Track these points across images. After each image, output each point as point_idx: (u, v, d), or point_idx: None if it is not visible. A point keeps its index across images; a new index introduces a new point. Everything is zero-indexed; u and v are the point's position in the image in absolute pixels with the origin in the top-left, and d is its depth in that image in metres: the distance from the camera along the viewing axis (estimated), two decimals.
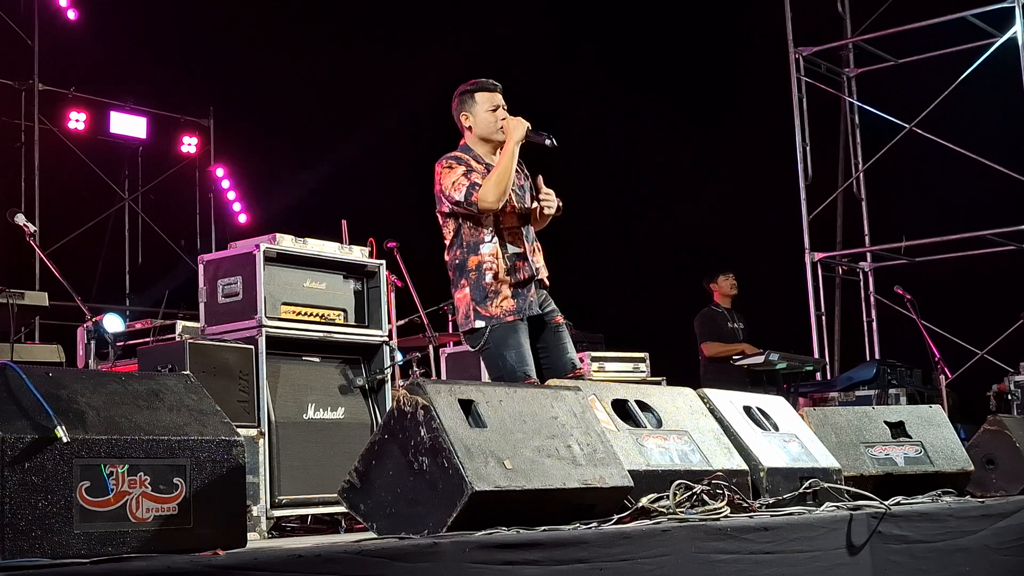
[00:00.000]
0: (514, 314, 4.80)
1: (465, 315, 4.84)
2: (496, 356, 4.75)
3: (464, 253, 4.87)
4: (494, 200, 4.75)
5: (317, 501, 4.91)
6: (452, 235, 4.91)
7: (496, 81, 5.02)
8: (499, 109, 4.95)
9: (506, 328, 4.77)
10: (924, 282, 10.09)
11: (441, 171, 4.86)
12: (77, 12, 11.04)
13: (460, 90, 5.02)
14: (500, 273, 4.82)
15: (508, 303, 4.81)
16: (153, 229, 11.86)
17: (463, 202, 4.77)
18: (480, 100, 4.96)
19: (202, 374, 4.41)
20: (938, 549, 4.16)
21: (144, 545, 2.73)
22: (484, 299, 4.80)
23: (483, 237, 4.85)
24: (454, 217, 4.88)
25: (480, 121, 4.95)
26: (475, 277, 4.82)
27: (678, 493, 3.70)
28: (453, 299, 4.96)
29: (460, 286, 4.87)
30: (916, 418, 5.05)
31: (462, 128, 5.02)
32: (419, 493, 3.18)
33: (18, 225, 5.97)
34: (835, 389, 9.65)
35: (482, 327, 4.78)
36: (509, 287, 4.82)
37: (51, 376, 2.82)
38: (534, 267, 4.92)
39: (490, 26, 11.73)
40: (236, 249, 5.08)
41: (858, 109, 11.67)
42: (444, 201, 4.85)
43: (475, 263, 4.84)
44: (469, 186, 4.76)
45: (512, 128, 4.85)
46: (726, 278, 9.27)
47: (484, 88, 4.98)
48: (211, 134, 12.14)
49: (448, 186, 4.81)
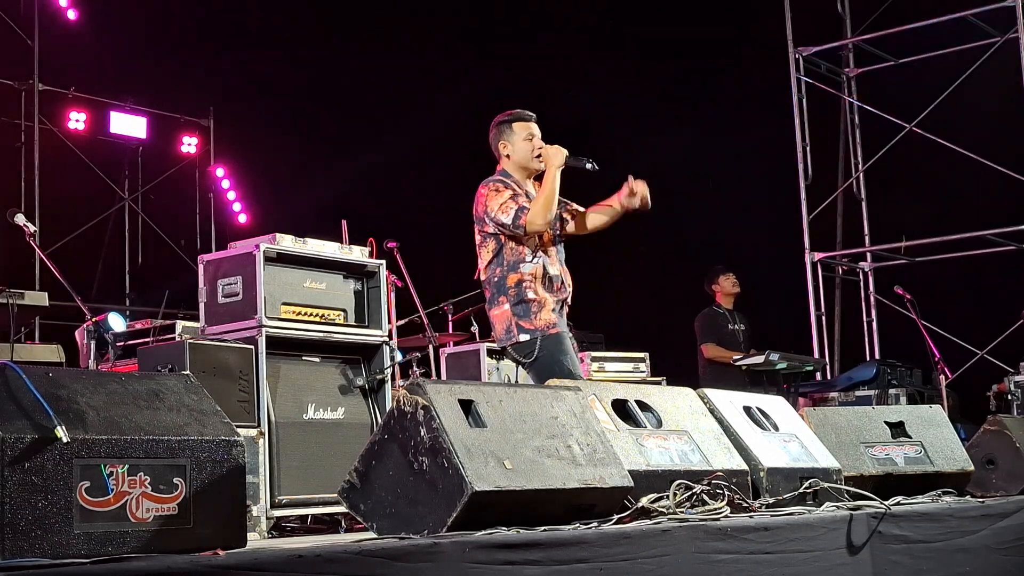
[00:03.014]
0: (556, 327, 5.04)
1: (506, 330, 5.04)
2: (552, 363, 4.94)
3: (504, 271, 5.07)
4: (542, 224, 5.01)
5: (317, 501, 4.91)
6: (492, 254, 5.10)
7: (531, 111, 5.28)
8: (535, 138, 5.20)
9: (554, 338, 5.01)
10: (924, 282, 10.08)
11: (487, 193, 5.09)
12: (77, 12, 11.04)
13: (497, 120, 5.28)
14: (539, 291, 5.05)
15: (550, 317, 5.04)
16: (153, 229, 11.86)
17: (510, 224, 5.00)
18: (517, 130, 5.21)
19: (202, 374, 4.41)
20: (938, 549, 4.16)
21: (144, 545, 2.73)
22: (527, 313, 5.02)
23: (524, 256, 5.07)
24: (496, 237, 5.08)
25: (518, 149, 5.19)
26: (515, 294, 5.04)
27: (678, 493, 3.70)
28: (489, 314, 5.14)
29: (498, 303, 5.07)
30: (916, 418, 5.05)
31: (499, 156, 5.26)
32: (419, 493, 3.18)
33: (18, 225, 5.96)
34: (835, 389, 9.65)
35: (528, 339, 5.00)
36: (549, 304, 5.05)
37: (51, 376, 2.82)
38: (568, 289, 5.19)
39: (491, 25, 11.74)
40: (236, 249, 5.08)
41: (858, 109, 11.66)
42: (488, 222, 5.07)
43: (514, 280, 5.05)
44: (517, 209, 5.00)
45: (552, 155, 5.09)
46: (727, 277, 9.26)
47: (520, 118, 5.24)
48: (211, 134, 12.14)
49: (495, 208, 5.03)
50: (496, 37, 11.64)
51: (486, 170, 5.29)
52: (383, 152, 11.72)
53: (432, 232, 10.61)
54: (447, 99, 11.74)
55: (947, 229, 10.47)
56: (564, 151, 5.09)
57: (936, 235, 10.59)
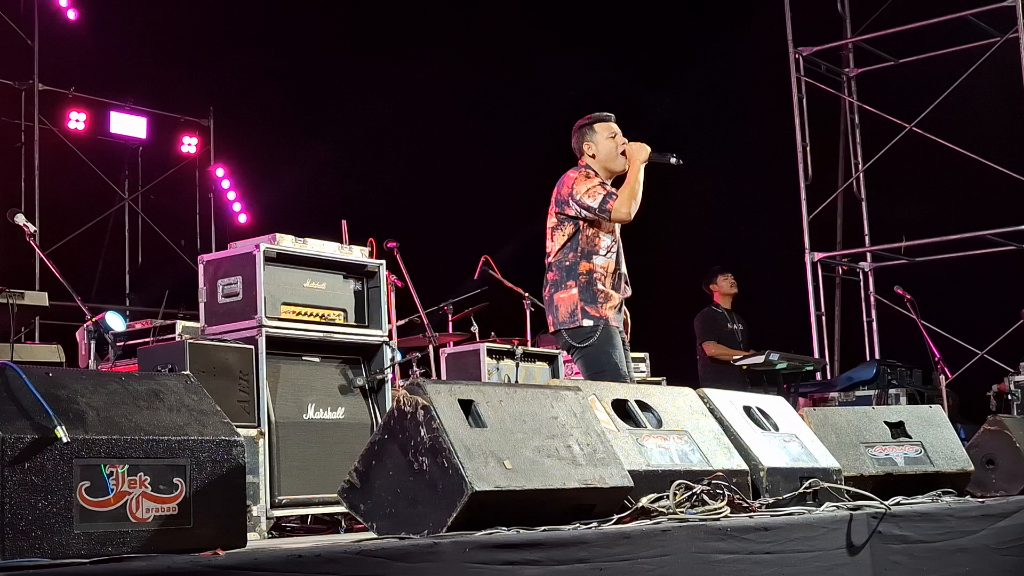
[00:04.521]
0: (616, 321, 5.19)
1: (570, 313, 5.15)
2: (601, 352, 5.09)
3: (577, 257, 5.18)
4: (627, 212, 5.12)
5: (317, 501, 4.91)
6: (567, 238, 5.20)
7: (610, 112, 5.40)
8: (617, 135, 5.33)
9: (611, 331, 5.15)
10: (924, 282, 10.08)
11: (576, 176, 5.20)
12: (77, 12, 11.03)
13: (579, 124, 5.39)
14: (607, 285, 5.19)
15: (612, 312, 5.18)
16: (153, 229, 11.86)
17: (596, 208, 5.11)
18: (600, 130, 5.33)
19: (202, 374, 4.41)
20: (938, 549, 4.16)
21: (144, 545, 2.73)
22: (595, 300, 5.14)
23: (599, 249, 5.20)
24: (574, 221, 5.17)
25: (603, 149, 5.31)
26: (585, 281, 5.16)
27: (678, 493, 3.70)
28: (551, 297, 5.24)
29: (566, 286, 5.17)
30: (916, 418, 5.05)
31: (583, 156, 5.35)
32: (419, 493, 3.18)
33: (18, 225, 5.96)
34: (835, 389, 9.65)
35: (591, 325, 5.12)
36: (614, 299, 5.20)
37: (51, 376, 2.82)
38: (629, 290, 5.33)
39: (490, 24, 11.73)
40: (236, 249, 5.08)
41: (858, 109, 11.67)
42: (573, 204, 5.15)
43: (586, 268, 5.18)
44: (606, 195, 5.12)
45: (636, 151, 5.22)
46: (725, 277, 9.27)
47: (601, 119, 5.37)
48: (211, 134, 12.13)
49: (582, 191, 5.13)
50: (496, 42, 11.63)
51: (486, 170, 5.31)
52: (384, 152, 11.73)
53: (432, 232, 10.61)
54: (448, 101, 11.75)
55: (947, 229, 10.47)
56: (647, 147, 5.20)
57: (936, 235, 10.60)
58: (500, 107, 11.40)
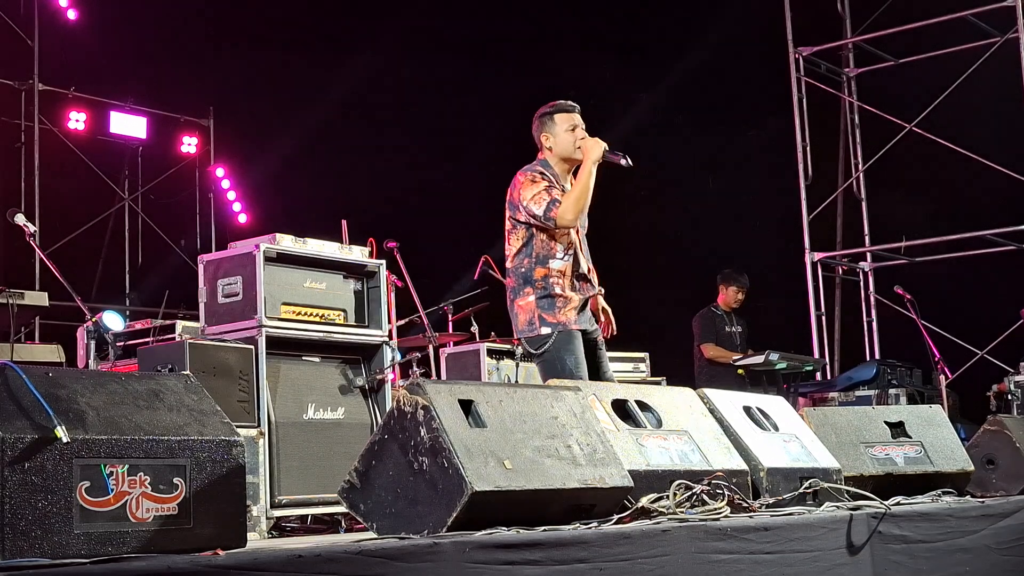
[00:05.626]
0: (576, 324, 5.04)
1: (529, 322, 5.04)
2: (555, 360, 4.96)
3: (532, 263, 5.05)
4: (572, 218, 4.98)
5: (317, 501, 4.91)
6: (522, 243, 5.07)
7: (574, 102, 5.21)
8: (577, 128, 5.14)
9: (568, 335, 5.00)
10: (924, 282, 10.07)
11: (523, 181, 5.04)
12: (77, 12, 11.03)
13: (540, 112, 5.21)
14: (566, 289, 5.04)
15: (573, 314, 5.03)
16: (153, 229, 11.86)
17: (541, 216, 4.96)
18: (559, 121, 5.15)
19: (202, 374, 4.41)
20: (938, 549, 4.16)
21: (144, 545, 2.73)
22: (552, 307, 5.01)
23: (555, 252, 5.05)
24: (527, 226, 5.04)
25: (560, 141, 5.13)
26: (542, 287, 5.02)
27: (678, 493, 3.70)
28: (512, 304, 5.13)
29: (524, 294, 5.05)
30: (916, 418, 5.05)
31: (541, 147, 5.20)
32: (419, 493, 3.18)
33: (18, 225, 5.96)
34: (835, 389, 9.65)
35: (547, 332, 4.99)
36: (574, 302, 5.05)
37: (51, 376, 2.82)
38: (594, 288, 5.18)
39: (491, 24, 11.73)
40: (236, 249, 5.08)
41: (858, 109, 11.67)
42: (522, 210, 5.02)
43: (542, 274, 5.04)
44: (550, 202, 4.96)
45: (589, 148, 5.03)
46: (737, 290, 9.23)
47: (563, 109, 5.18)
48: (211, 134, 12.13)
49: (528, 198, 4.99)
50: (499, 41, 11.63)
51: (486, 170, 5.30)
52: (383, 152, 11.73)
53: (432, 232, 10.61)
54: (448, 100, 11.75)
55: (947, 229, 10.46)
56: (603, 144, 5.02)
57: (936, 235, 10.59)
58: (500, 107, 11.39)
